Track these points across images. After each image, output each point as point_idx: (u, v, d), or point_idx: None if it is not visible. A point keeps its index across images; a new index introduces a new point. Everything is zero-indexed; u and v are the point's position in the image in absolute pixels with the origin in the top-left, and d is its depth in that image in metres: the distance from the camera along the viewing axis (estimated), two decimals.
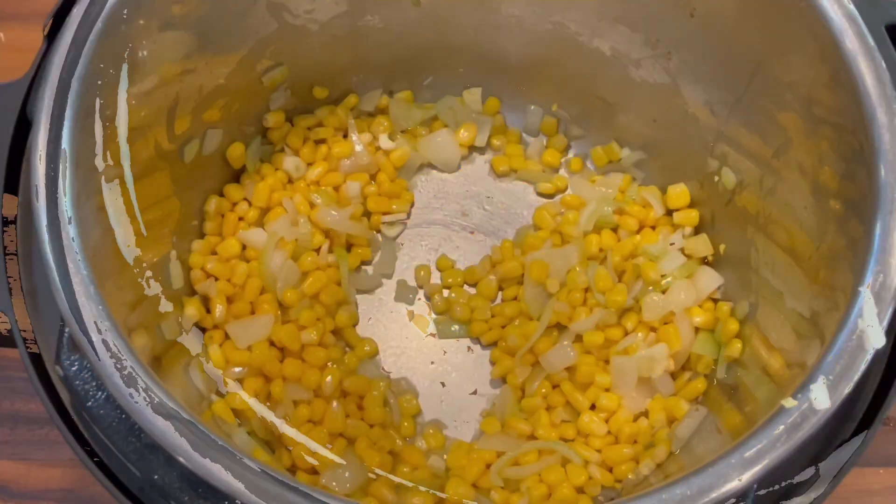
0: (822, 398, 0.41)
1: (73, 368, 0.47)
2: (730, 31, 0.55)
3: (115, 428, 0.46)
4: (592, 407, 0.60)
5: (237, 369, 0.58)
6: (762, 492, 0.46)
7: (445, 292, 0.65)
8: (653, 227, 0.65)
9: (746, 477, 0.40)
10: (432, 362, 0.64)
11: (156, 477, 0.46)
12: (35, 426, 0.64)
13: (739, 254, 0.60)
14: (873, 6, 0.50)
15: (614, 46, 0.61)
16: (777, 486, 0.47)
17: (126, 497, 0.46)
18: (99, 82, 0.47)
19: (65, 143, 0.45)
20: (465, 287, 0.66)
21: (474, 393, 0.63)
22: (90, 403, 0.46)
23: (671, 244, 0.63)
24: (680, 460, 0.55)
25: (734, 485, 0.40)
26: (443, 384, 0.63)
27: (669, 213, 0.65)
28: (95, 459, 0.47)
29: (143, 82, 0.51)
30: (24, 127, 0.51)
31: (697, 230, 0.64)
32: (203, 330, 0.60)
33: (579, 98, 0.67)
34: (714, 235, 0.63)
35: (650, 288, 0.61)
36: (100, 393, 0.47)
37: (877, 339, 0.42)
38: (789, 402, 0.42)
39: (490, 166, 0.69)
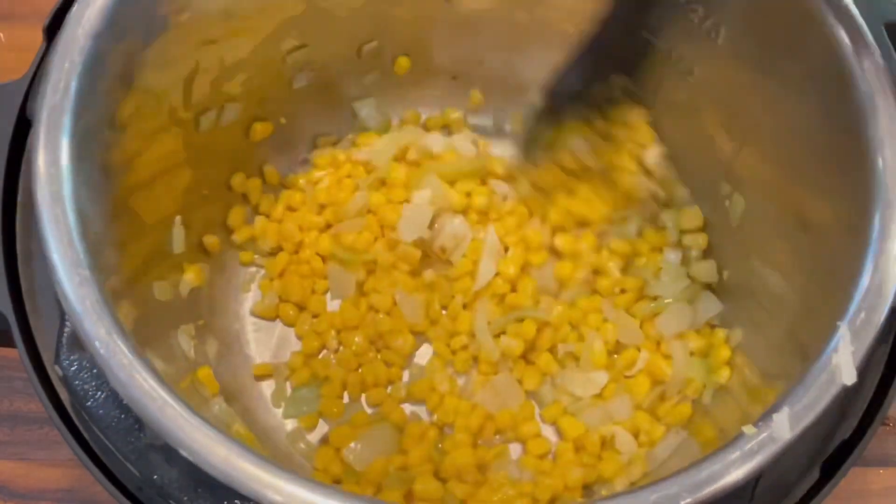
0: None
1: (73, 368, 0.47)
2: (730, 33, 0.54)
3: (115, 428, 0.46)
4: None
5: None
6: (762, 491, 0.46)
7: None
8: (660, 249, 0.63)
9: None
10: None
11: (155, 477, 0.46)
12: (35, 426, 0.64)
13: (740, 281, 0.59)
14: (872, 4, 0.50)
15: None
16: (776, 486, 0.47)
17: (125, 497, 0.46)
18: (99, 81, 0.47)
19: (65, 143, 0.44)
20: None
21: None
22: (90, 403, 0.47)
23: (677, 266, 0.62)
24: (654, 479, 0.55)
25: None
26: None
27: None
28: (95, 459, 0.47)
29: (150, 77, 0.51)
30: (23, 127, 0.51)
31: (705, 254, 0.63)
32: None
33: None
34: (719, 261, 0.62)
35: (650, 307, 0.61)
36: (99, 393, 0.47)
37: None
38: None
39: None
